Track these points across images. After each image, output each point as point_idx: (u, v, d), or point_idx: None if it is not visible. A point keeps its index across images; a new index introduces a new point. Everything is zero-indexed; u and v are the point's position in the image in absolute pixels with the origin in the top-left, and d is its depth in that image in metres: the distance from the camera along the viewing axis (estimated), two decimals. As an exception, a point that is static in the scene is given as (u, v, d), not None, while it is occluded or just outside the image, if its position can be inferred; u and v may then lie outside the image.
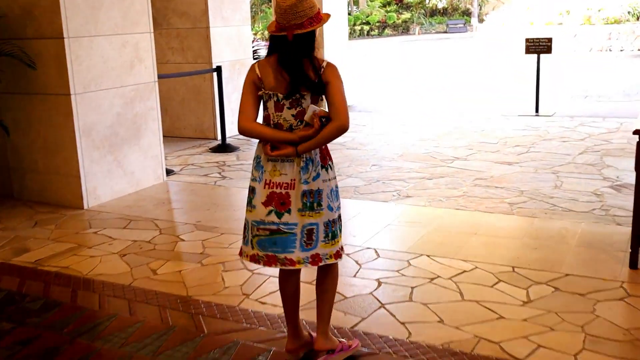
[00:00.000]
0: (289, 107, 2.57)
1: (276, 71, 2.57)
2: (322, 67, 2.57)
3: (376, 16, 43.34)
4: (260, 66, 2.63)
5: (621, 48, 20.10)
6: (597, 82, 13.47)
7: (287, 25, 2.51)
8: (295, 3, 2.50)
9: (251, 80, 2.62)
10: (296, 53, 2.53)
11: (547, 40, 9.29)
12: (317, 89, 2.55)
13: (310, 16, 2.53)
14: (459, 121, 9.03)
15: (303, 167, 2.58)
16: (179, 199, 5.65)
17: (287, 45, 2.53)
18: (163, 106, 8.56)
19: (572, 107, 10.07)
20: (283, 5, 2.51)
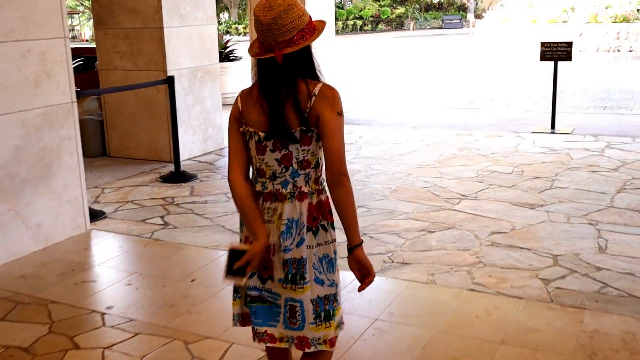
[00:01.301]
0: (272, 150, 2.07)
1: (257, 102, 2.07)
2: (313, 95, 2.01)
3: (369, 11, 41.95)
4: (243, 96, 2.14)
5: (630, 48, 18.79)
6: (613, 87, 12.13)
7: (273, 44, 1.99)
8: (280, 14, 1.98)
9: (233, 116, 2.14)
10: (289, 77, 2.01)
11: (566, 45, 7.92)
12: (305, 125, 2.02)
13: (301, 28, 2.02)
14: (464, 140, 7.66)
15: (284, 232, 2.08)
16: (99, 262, 4.25)
17: (278, 70, 2.01)
18: (110, 122, 7.16)
19: (591, 120, 8.73)
20: (265, 20, 1.98)
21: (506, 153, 6.95)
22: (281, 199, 2.07)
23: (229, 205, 5.27)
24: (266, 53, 2.02)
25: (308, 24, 2.05)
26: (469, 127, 8.59)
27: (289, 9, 1.99)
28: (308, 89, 2.01)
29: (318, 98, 2.01)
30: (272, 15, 1.97)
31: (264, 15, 1.98)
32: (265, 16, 1.98)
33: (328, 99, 2.01)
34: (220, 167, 6.71)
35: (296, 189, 2.07)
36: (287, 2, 2.00)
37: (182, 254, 4.28)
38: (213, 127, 7.43)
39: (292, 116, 2.00)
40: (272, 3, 2.00)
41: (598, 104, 10.34)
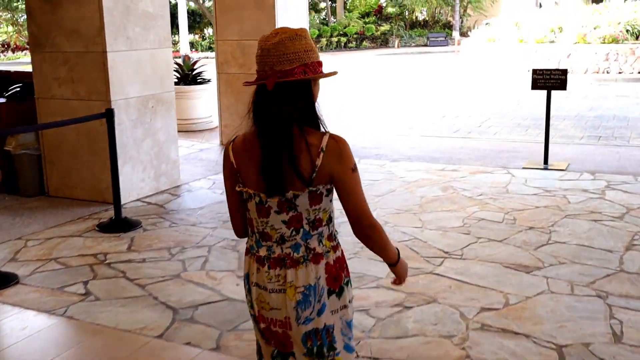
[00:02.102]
0: (278, 211, 1.81)
1: (255, 156, 1.79)
2: (322, 150, 1.76)
3: (354, 28, 41.41)
4: (236, 148, 1.86)
5: (619, 70, 18.23)
6: (606, 113, 11.46)
7: (269, 72, 1.75)
8: (283, 40, 1.76)
9: (228, 170, 1.88)
10: (280, 114, 1.74)
11: (561, 73, 7.18)
12: (313, 186, 1.77)
13: (305, 62, 1.76)
14: (448, 177, 6.89)
15: (301, 301, 1.82)
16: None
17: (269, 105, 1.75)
18: (49, 157, 6.33)
19: (587, 153, 8.00)
20: (266, 45, 1.78)
21: (495, 194, 6.19)
22: (292, 265, 1.84)
23: (170, 266, 4.44)
24: (260, 81, 1.78)
25: (315, 63, 1.80)
26: (454, 160, 7.83)
27: (296, 38, 1.78)
28: (311, 143, 1.75)
29: (327, 154, 1.76)
30: (275, 41, 1.76)
31: (267, 39, 1.78)
32: (268, 41, 1.77)
33: (339, 154, 1.78)
34: (172, 210, 5.88)
35: (309, 251, 1.85)
36: (296, 32, 1.80)
37: (96, 340, 3.43)
38: (167, 163, 6.61)
39: (296, 177, 1.75)
40: (279, 30, 1.81)
41: (592, 133, 9.64)
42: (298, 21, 8.55)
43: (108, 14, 5.75)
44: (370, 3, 48.14)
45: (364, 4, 48.27)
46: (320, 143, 1.77)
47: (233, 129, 9.70)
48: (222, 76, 8.70)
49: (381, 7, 46.27)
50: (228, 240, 4.96)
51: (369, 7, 47.14)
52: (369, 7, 47.14)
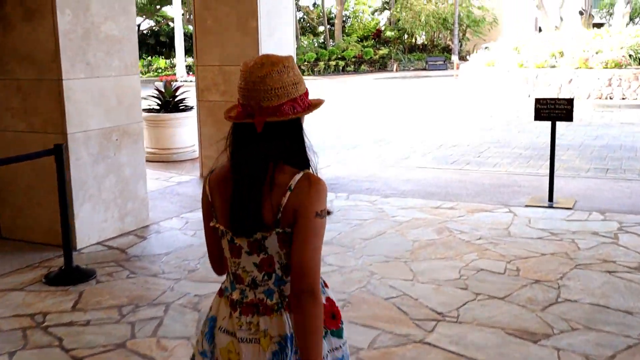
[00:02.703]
0: (249, 252, 1.69)
1: (226, 190, 1.69)
2: (289, 188, 1.62)
3: (352, 51, 41.06)
4: (212, 180, 1.77)
5: (623, 95, 17.70)
6: (612, 142, 10.87)
7: (256, 108, 1.63)
8: (270, 73, 1.62)
9: (204, 202, 1.79)
10: (268, 157, 1.63)
11: (566, 103, 6.60)
12: (281, 227, 1.63)
13: (294, 97, 1.65)
14: (444, 216, 6.27)
15: (277, 352, 1.66)
16: None
17: (256, 145, 1.64)
18: (1, 195, 5.70)
19: (595, 188, 7.39)
20: (251, 77, 1.64)
21: (496, 238, 5.56)
22: (266, 312, 1.68)
23: (117, 331, 3.80)
24: (245, 117, 1.65)
25: (302, 96, 1.68)
26: (451, 195, 7.21)
27: (284, 70, 1.63)
28: (281, 181, 1.62)
29: (294, 193, 1.61)
30: (262, 74, 1.61)
31: (252, 71, 1.63)
32: (253, 73, 1.63)
33: (306, 194, 1.61)
34: (133, 256, 5.25)
35: (284, 298, 1.68)
36: (284, 63, 1.65)
37: None
38: (134, 201, 6.00)
39: (264, 215, 1.62)
40: (264, 60, 1.65)
41: (599, 165, 9.03)
42: (284, 46, 8.00)
43: (64, 37, 5.17)
44: (369, 27, 47.95)
45: (362, 27, 48.09)
46: (289, 181, 1.63)
47: (214, 160, 9.10)
48: (203, 104, 8.12)
49: (380, 30, 46.05)
50: (189, 296, 4.32)
51: (367, 31, 46.92)
52: (367, 31, 46.92)
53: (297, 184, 1.63)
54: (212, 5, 7.81)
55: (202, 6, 7.89)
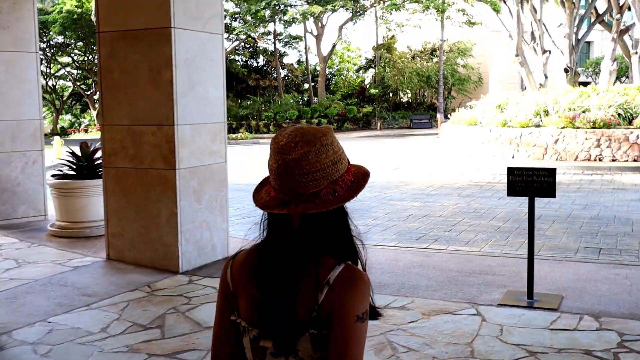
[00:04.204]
0: (275, 354, 1.46)
1: (253, 282, 1.48)
2: (327, 282, 1.42)
3: (335, 109, 40.15)
4: (236, 265, 1.55)
5: (612, 157, 16.46)
6: (604, 214, 9.49)
7: (290, 196, 1.44)
8: (306, 154, 1.43)
9: (222, 291, 1.56)
10: (306, 252, 1.44)
11: (547, 174, 5.20)
12: (316, 328, 1.42)
13: (334, 178, 1.46)
14: (388, 321, 4.79)
15: None
16: None
17: (292, 236, 1.45)
18: None
19: (586, 277, 5.94)
20: (284, 159, 1.45)
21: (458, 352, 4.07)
22: None
23: None
24: (279, 206, 1.45)
25: (344, 175, 1.48)
26: (407, 287, 5.74)
27: (322, 149, 1.44)
28: (321, 275, 1.42)
29: (333, 288, 1.41)
30: (296, 155, 1.42)
31: (284, 151, 1.43)
32: (286, 153, 1.43)
33: (346, 293, 1.41)
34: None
35: None
36: (321, 140, 1.46)
37: None
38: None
39: (298, 313, 1.42)
40: (299, 137, 1.45)
41: (590, 243, 7.61)
42: (209, 105, 6.69)
43: None
44: (354, 84, 47.28)
45: (347, 85, 47.43)
46: (329, 275, 1.42)
47: (124, 240, 7.65)
48: (110, 171, 6.70)
49: (364, 88, 45.34)
50: None
51: (352, 89, 46.23)
52: (352, 89, 46.23)
53: (337, 279, 1.43)
54: (119, 53, 6.49)
55: (108, 54, 6.57)
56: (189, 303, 5.40)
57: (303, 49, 45.17)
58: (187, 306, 5.31)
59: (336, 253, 1.49)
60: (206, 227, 6.71)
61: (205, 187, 6.71)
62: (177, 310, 5.21)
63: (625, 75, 37.12)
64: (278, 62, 44.63)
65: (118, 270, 6.42)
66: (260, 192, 1.53)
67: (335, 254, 1.49)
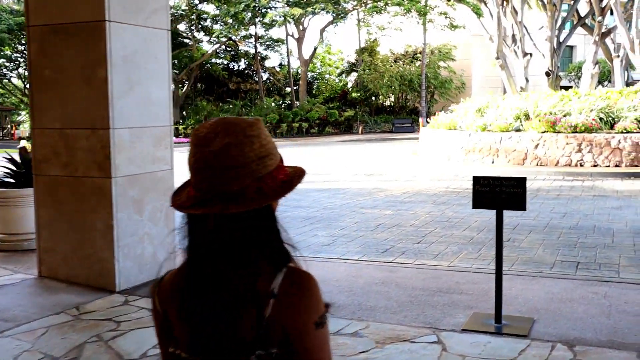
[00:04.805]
0: None
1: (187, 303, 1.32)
2: (272, 294, 1.25)
3: (316, 113, 39.63)
4: (164, 291, 1.37)
5: (594, 162, 16.04)
6: (584, 223, 9.00)
7: (210, 194, 1.27)
8: (227, 147, 1.25)
9: (156, 321, 1.39)
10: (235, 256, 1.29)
11: (516, 184, 4.66)
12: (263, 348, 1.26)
13: (260, 175, 1.28)
14: (341, 352, 4.22)
15: None
16: None
17: (215, 241, 1.29)
18: None
19: (561, 297, 5.41)
20: (201, 151, 1.28)
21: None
22: None
23: None
24: (197, 206, 1.27)
25: (273, 173, 1.30)
26: (363, 309, 5.18)
27: (247, 141, 1.27)
28: (261, 285, 1.25)
29: (280, 301, 1.24)
30: (215, 147, 1.25)
31: (203, 143, 1.27)
32: (205, 145, 1.26)
33: (297, 302, 1.25)
34: None
35: None
36: (246, 131, 1.28)
37: None
38: None
39: (241, 333, 1.24)
40: (220, 128, 1.28)
41: (567, 256, 7.10)
42: (153, 106, 6.11)
43: None
44: (337, 88, 46.82)
45: (329, 89, 46.97)
46: (270, 284, 1.24)
47: (56, 255, 7.01)
48: (41, 179, 6.09)
49: (345, 92, 44.90)
50: None
51: (334, 92, 45.77)
52: (334, 92, 45.77)
53: (282, 288, 1.25)
54: (51, 50, 5.88)
55: (38, 51, 5.96)
56: (116, 329, 4.80)
57: (285, 52, 44.69)
58: (113, 333, 4.71)
59: (270, 259, 1.31)
60: (149, 241, 6.11)
61: (148, 196, 6.11)
62: (101, 338, 4.61)
63: (608, 80, 36.94)
64: (259, 65, 44.08)
65: (47, 290, 5.80)
66: (181, 193, 1.34)
67: (270, 259, 1.31)
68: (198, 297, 1.28)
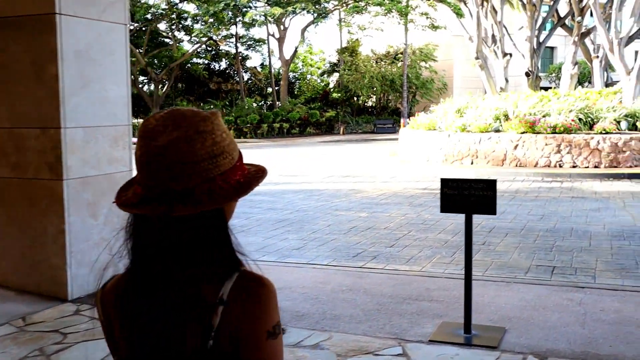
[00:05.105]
0: None
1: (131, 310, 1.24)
2: (221, 300, 1.15)
3: (297, 113, 39.31)
4: (107, 298, 1.27)
5: (573, 163, 15.92)
6: (561, 225, 8.81)
7: (155, 192, 1.17)
8: (176, 142, 1.14)
9: (104, 331, 1.29)
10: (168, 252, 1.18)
11: (486, 187, 4.41)
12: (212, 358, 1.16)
13: (212, 176, 1.16)
14: (294, 368, 3.96)
15: None
16: None
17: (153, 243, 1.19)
18: None
19: (534, 304, 5.18)
20: (148, 145, 1.17)
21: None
22: None
23: None
24: (140, 206, 1.16)
25: (227, 174, 1.18)
26: (326, 320, 4.92)
27: (198, 137, 1.16)
28: (208, 291, 1.15)
29: (230, 308, 1.14)
30: (163, 142, 1.14)
31: (152, 137, 1.15)
32: (153, 140, 1.15)
33: (249, 308, 1.15)
34: None
35: None
36: (198, 125, 1.17)
37: None
38: None
39: (188, 344, 1.15)
40: (170, 120, 1.17)
41: (542, 261, 6.89)
42: (108, 104, 5.79)
43: None
44: (318, 88, 46.54)
45: (311, 89, 46.67)
46: (219, 290, 1.14)
47: (6, 262, 6.57)
48: (-11, 182, 5.75)
49: (327, 92, 44.64)
50: None
51: (316, 93, 45.48)
52: (316, 93, 45.48)
53: (233, 294, 1.15)
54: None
55: (-15, 45, 5.62)
56: (62, 342, 4.49)
57: (266, 52, 44.33)
58: (57, 346, 4.40)
59: (220, 263, 1.20)
60: (105, 247, 5.79)
61: (104, 200, 5.78)
62: (43, 352, 4.30)
63: (588, 80, 37.05)
64: (240, 65, 43.69)
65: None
66: (128, 190, 1.22)
67: (220, 263, 1.20)
68: (141, 303, 1.19)
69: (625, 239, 7.83)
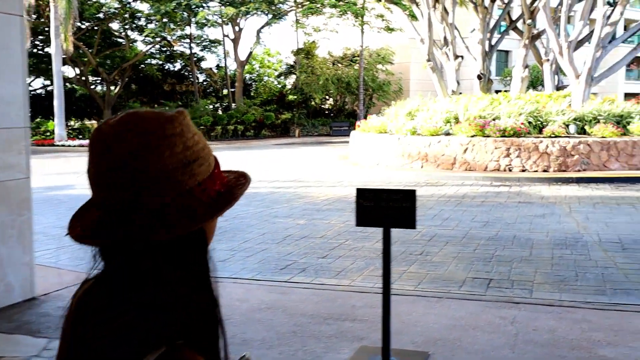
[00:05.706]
0: None
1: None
2: None
3: (252, 115, 38.69)
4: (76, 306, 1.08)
5: (522, 167, 15.74)
6: (504, 232, 8.48)
7: (117, 215, 0.96)
8: (137, 148, 0.91)
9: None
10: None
11: (404, 198, 3.98)
12: None
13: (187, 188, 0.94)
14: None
15: None
16: None
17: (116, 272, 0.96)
18: None
19: (463, 325, 4.78)
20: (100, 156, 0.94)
21: None
22: None
23: None
24: (95, 235, 0.95)
25: (207, 181, 0.96)
26: (237, 343, 4.40)
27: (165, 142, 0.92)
28: None
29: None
30: (121, 151, 0.91)
31: (104, 145, 0.93)
32: (108, 151, 0.92)
33: None
34: None
35: None
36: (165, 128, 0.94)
37: None
38: None
39: None
40: (131, 124, 0.93)
41: (480, 273, 6.51)
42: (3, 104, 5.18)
43: None
44: (275, 90, 46.00)
45: (268, 91, 46.10)
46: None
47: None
48: None
49: (283, 94, 44.13)
50: None
51: (272, 95, 44.93)
52: (272, 95, 44.93)
53: None
54: None
55: None
56: None
57: (222, 54, 43.60)
58: None
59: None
60: (-5, 263, 5.19)
61: (-5, 211, 5.20)
62: None
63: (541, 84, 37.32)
64: (195, 66, 42.86)
65: None
66: (84, 216, 0.97)
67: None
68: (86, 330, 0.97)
69: (567, 248, 7.54)
